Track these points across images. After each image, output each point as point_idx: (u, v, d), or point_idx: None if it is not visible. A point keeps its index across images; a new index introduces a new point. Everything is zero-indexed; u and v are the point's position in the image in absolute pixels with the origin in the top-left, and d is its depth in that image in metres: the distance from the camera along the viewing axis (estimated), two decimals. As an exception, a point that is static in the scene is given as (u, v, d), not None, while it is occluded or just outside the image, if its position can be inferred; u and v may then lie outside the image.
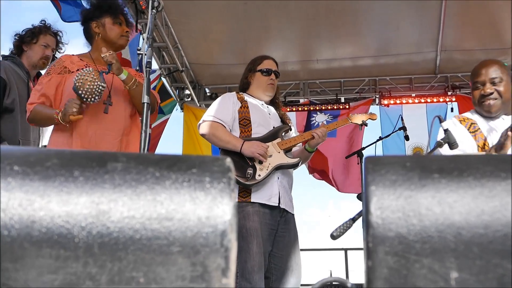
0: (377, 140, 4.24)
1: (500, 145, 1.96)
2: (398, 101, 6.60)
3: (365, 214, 0.60)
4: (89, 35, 2.51)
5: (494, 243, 0.55)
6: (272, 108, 2.83)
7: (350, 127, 6.36)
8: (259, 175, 2.48)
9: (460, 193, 0.59)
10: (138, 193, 0.57)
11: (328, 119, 6.68)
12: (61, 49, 3.16)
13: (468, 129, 2.35)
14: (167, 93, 6.67)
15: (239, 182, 2.44)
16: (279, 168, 2.56)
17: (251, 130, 2.64)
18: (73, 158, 0.60)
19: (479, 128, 2.34)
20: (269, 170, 2.50)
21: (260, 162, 2.51)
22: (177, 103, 6.90)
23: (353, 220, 1.30)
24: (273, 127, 2.71)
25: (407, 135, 4.15)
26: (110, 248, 0.54)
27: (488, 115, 2.36)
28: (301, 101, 6.93)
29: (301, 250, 2.67)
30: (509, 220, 0.56)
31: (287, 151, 2.64)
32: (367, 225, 0.59)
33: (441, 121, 1.54)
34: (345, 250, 7.05)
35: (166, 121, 6.56)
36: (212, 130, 2.60)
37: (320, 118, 6.76)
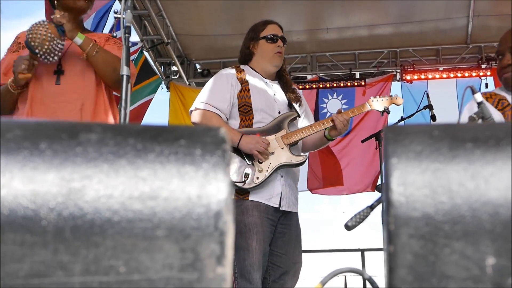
0: (399, 121, 4.24)
1: None
2: (423, 76, 6.59)
3: (385, 191, 0.60)
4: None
5: (538, 223, 0.55)
6: (278, 87, 2.82)
7: (368, 118, 6.35)
8: (257, 178, 2.51)
9: (497, 165, 0.58)
10: (116, 168, 0.56)
11: (343, 108, 6.56)
12: None
13: (496, 107, 2.34)
14: (150, 70, 6.65)
15: (234, 184, 2.47)
16: (281, 167, 2.59)
17: (253, 118, 2.65)
18: (39, 129, 0.59)
19: (509, 104, 2.34)
20: (269, 171, 2.54)
21: (261, 160, 2.54)
22: (162, 82, 6.88)
23: (371, 207, 1.30)
24: (279, 112, 2.71)
25: (434, 115, 4.14)
26: (84, 232, 0.53)
27: (509, 89, 2.35)
28: (309, 77, 6.92)
29: (311, 251, 2.72)
30: (555, 196, 0.56)
31: (292, 145, 2.65)
32: (388, 204, 0.59)
33: (474, 92, 1.54)
34: (362, 251, 7.06)
35: (148, 102, 6.54)
36: (205, 121, 2.62)
37: (333, 106, 6.64)
